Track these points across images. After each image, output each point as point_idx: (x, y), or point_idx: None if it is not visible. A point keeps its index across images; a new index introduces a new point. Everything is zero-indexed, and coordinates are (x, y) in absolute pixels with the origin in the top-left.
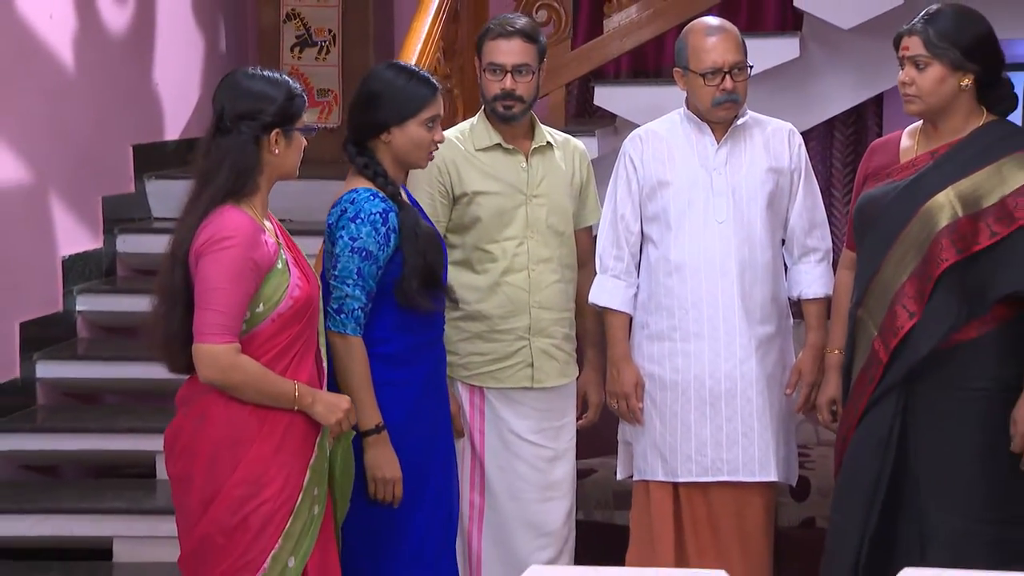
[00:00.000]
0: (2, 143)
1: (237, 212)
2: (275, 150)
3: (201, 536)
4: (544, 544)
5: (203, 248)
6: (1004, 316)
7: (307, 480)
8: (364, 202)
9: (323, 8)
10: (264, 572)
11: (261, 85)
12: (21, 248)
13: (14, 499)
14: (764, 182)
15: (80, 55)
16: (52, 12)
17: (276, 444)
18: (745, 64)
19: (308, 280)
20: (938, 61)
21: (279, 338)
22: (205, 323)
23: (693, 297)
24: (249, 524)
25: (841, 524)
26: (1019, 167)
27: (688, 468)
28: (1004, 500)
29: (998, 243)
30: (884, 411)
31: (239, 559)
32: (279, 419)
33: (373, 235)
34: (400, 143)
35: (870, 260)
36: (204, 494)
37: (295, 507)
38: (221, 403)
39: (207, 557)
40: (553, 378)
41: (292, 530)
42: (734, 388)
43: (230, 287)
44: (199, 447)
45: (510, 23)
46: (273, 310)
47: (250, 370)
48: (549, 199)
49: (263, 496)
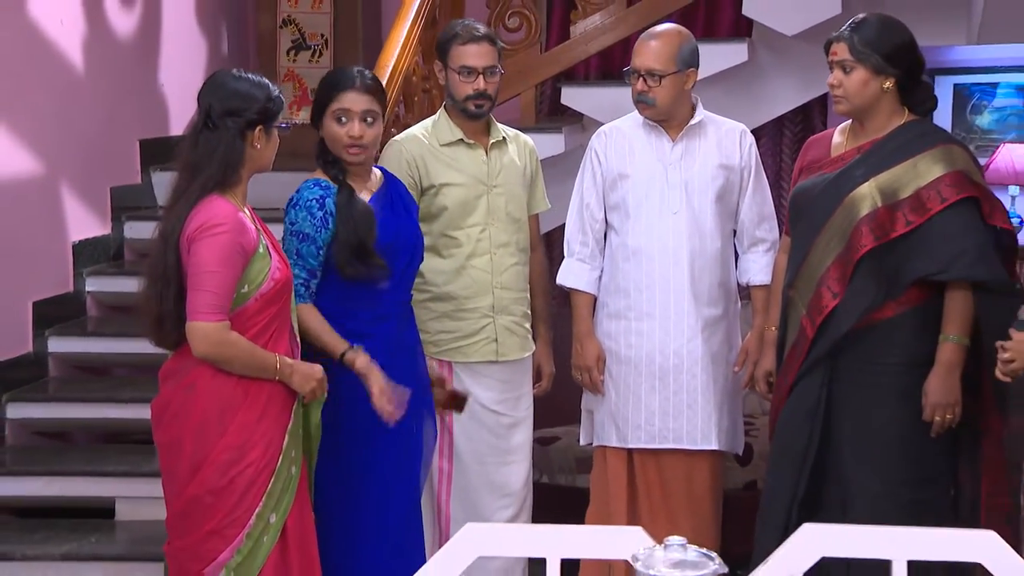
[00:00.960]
0: (18, 138)
1: (224, 201)
2: (257, 145)
3: (190, 497)
4: (506, 504)
5: (196, 234)
6: (917, 298)
7: (285, 444)
8: (304, 191)
9: (316, 15)
10: (249, 528)
11: (246, 86)
12: (36, 233)
13: (26, 462)
14: (715, 177)
15: (89, 57)
16: (62, 18)
17: (259, 413)
18: (665, 71)
19: (285, 263)
20: (862, 65)
21: (262, 315)
22: (199, 303)
23: (647, 280)
24: (235, 485)
25: (773, 487)
26: (934, 162)
27: (638, 436)
28: (917, 464)
29: (912, 231)
30: (811, 383)
31: (226, 517)
32: (261, 390)
33: (309, 219)
34: (326, 135)
35: (801, 245)
36: (194, 458)
37: (276, 469)
38: (208, 375)
39: (196, 516)
40: (515, 352)
41: (274, 490)
42: (681, 364)
43: (221, 270)
44: (189, 415)
45: (476, 29)
46: (257, 290)
47: (239, 345)
48: (507, 189)
49: (248, 460)
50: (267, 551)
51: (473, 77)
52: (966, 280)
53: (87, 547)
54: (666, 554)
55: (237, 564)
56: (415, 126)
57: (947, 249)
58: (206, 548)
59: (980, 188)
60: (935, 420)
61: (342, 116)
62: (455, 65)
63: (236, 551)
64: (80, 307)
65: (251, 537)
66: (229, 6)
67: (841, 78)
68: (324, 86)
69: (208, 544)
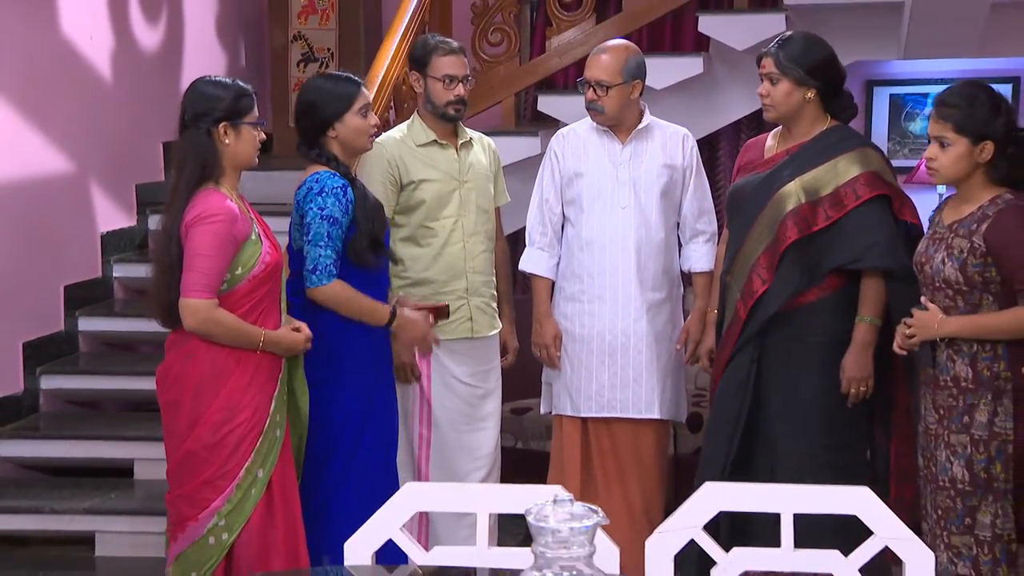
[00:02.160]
0: (53, 141)
1: (218, 194)
2: (225, 141)
3: (187, 451)
4: (478, 466)
5: (192, 221)
6: (836, 284)
7: (272, 408)
8: (327, 179)
9: (323, 31)
10: (239, 480)
11: (213, 89)
12: (67, 225)
13: (57, 427)
14: (660, 176)
15: (116, 68)
16: (92, 34)
17: (248, 379)
18: (611, 82)
19: (275, 248)
20: (786, 78)
21: (254, 295)
22: (190, 282)
23: (599, 268)
24: (227, 442)
25: (709, 450)
26: (851, 163)
27: (590, 406)
28: (835, 430)
29: (831, 225)
30: (743, 359)
31: (219, 469)
32: (251, 360)
33: (337, 204)
34: (344, 134)
35: (737, 236)
36: (191, 417)
37: (263, 430)
38: (204, 346)
39: (192, 468)
40: (485, 329)
41: (261, 448)
42: (628, 342)
43: (212, 254)
44: (187, 379)
45: (451, 42)
46: (249, 272)
47: (224, 321)
48: (476, 184)
49: (237, 420)
50: (255, 502)
51: (455, 84)
52: (877, 269)
53: (108, 502)
54: (555, 508)
55: (227, 511)
56: (391, 130)
57: (861, 241)
58: (201, 496)
59: (891, 187)
60: (851, 392)
61: (364, 110)
62: (438, 74)
63: (227, 500)
64: (108, 290)
65: (240, 488)
66: (246, 23)
67: (769, 88)
68: (336, 93)
69: (202, 493)
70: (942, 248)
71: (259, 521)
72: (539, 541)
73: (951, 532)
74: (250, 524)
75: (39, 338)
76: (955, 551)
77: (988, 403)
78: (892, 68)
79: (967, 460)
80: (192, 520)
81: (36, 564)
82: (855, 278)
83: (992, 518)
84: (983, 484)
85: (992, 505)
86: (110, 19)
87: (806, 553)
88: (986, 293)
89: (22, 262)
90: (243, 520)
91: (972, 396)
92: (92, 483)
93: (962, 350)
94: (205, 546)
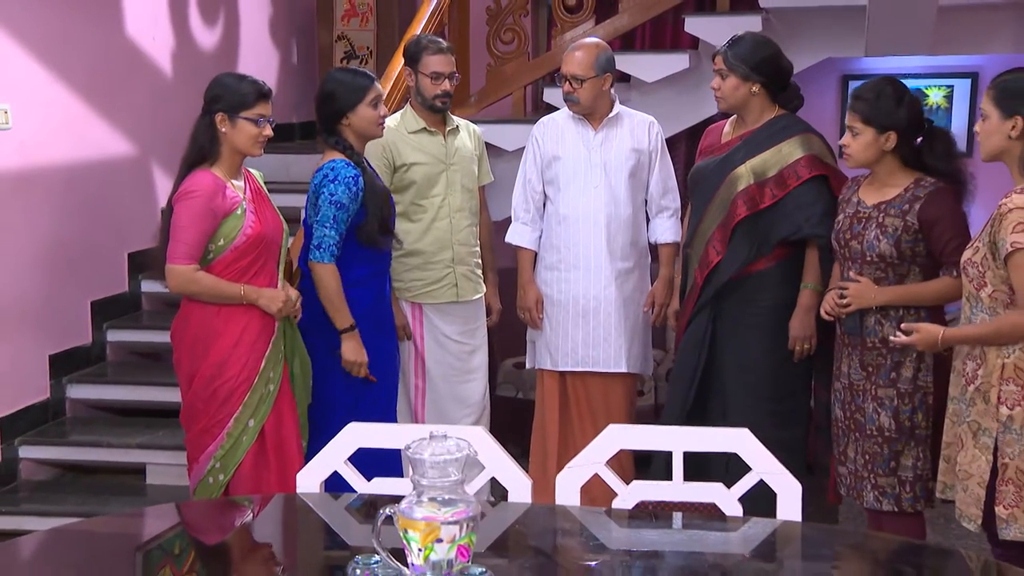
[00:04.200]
0: (120, 130)
1: (205, 173)
2: (222, 129)
3: (188, 402)
4: (468, 413)
5: (177, 197)
6: (782, 255)
7: (263, 366)
8: (341, 169)
9: (363, 31)
10: (229, 428)
11: (227, 80)
12: (131, 202)
13: (121, 374)
14: (628, 159)
15: (176, 66)
16: (154, 35)
17: (235, 339)
18: (585, 76)
19: (262, 222)
20: (733, 74)
21: (239, 263)
22: (172, 250)
23: (573, 240)
24: (217, 395)
25: (671, 399)
26: (794, 147)
27: (566, 361)
28: (781, 382)
29: (776, 203)
30: (701, 320)
31: (212, 418)
32: (239, 321)
33: (346, 192)
34: (357, 122)
35: (696, 213)
36: (189, 372)
37: (252, 385)
38: (197, 309)
39: (192, 416)
40: (470, 293)
41: (250, 401)
42: (599, 306)
43: (189, 225)
44: (184, 339)
45: (441, 42)
46: (231, 243)
47: (203, 282)
48: (461, 166)
49: (226, 376)
50: (246, 448)
51: (442, 80)
52: (813, 238)
53: (156, 439)
54: (430, 443)
55: (221, 455)
56: (386, 118)
57: (801, 215)
58: (200, 441)
59: (830, 168)
60: (796, 349)
61: (375, 102)
62: (427, 71)
63: (220, 446)
64: None
65: (231, 436)
66: (298, 25)
67: (720, 83)
68: (350, 87)
69: (201, 439)
70: (872, 226)
71: (251, 465)
72: (416, 471)
73: (878, 475)
74: (242, 467)
75: (105, 297)
76: (881, 491)
77: (913, 361)
78: (864, 64)
79: (894, 411)
80: (196, 461)
81: (99, 489)
82: (799, 250)
83: (914, 461)
84: (907, 431)
85: (914, 449)
86: (171, 22)
87: (694, 485)
88: (913, 265)
89: (91, 231)
90: (236, 463)
91: (899, 355)
92: (146, 423)
93: (890, 315)
94: (207, 484)
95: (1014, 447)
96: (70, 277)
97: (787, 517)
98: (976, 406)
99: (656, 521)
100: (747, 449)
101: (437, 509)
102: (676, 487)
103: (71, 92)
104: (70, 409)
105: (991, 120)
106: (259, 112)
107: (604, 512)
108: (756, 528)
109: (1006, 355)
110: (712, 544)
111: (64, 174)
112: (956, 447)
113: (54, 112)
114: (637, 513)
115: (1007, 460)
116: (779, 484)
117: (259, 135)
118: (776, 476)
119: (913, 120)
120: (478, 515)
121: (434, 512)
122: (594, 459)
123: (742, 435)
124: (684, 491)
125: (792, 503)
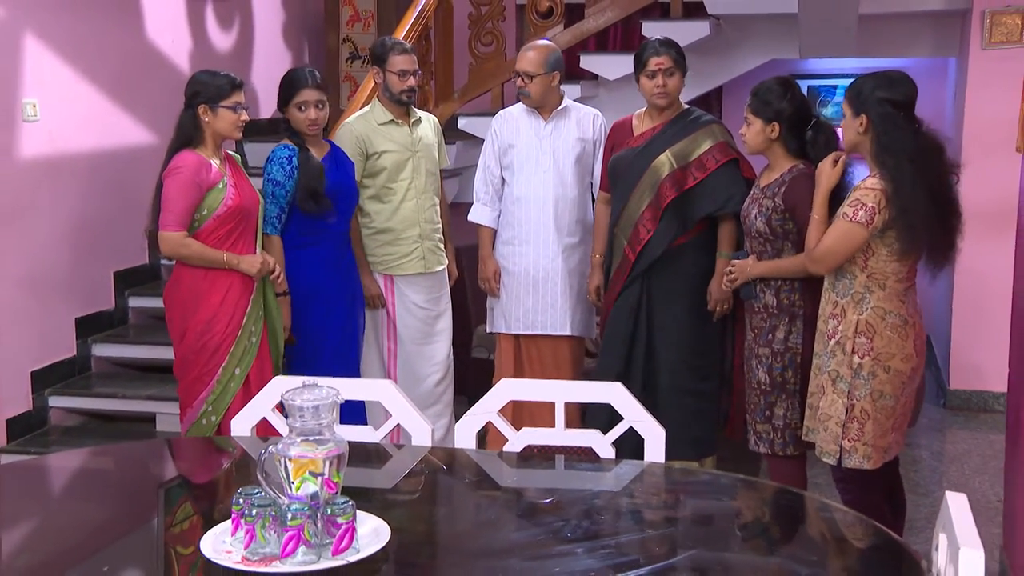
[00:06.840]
0: (140, 123)
1: (190, 152)
2: (205, 118)
3: (181, 355)
4: (435, 371)
5: (166, 174)
6: (700, 228)
7: (244, 322)
8: (277, 151)
9: (366, 35)
10: (218, 376)
11: (203, 76)
12: (149, 186)
13: (141, 335)
14: (574, 147)
15: (193, 65)
16: (172, 37)
17: (221, 298)
18: (535, 73)
19: (240, 195)
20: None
21: (221, 230)
22: (164, 219)
23: (525, 218)
24: (206, 347)
25: (604, 362)
26: (706, 136)
27: (519, 325)
28: (701, 341)
29: (698, 184)
30: (633, 291)
31: (202, 368)
32: (223, 283)
33: (280, 171)
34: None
35: (621, 197)
36: (180, 328)
37: (236, 338)
38: (186, 272)
39: (185, 367)
40: (435, 265)
41: (236, 352)
42: (547, 276)
43: (179, 198)
44: (175, 300)
45: (404, 44)
46: (214, 213)
47: (191, 247)
48: (425, 153)
49: (214, 331)
50: (233, 393)
51: (407, 77)
52: (729, 213)
53: (165, 391)
54: (303, 391)
55: (212, 400)
56: (357, 112)
57: (723, 194)
58: (193, 389)
59: (739, 153)
60: (715, 311)
61: (302, 105)
62: (394, 69)
63: (211, 392)
64: None
65: (220, 383)
66: (309, 29)
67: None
68: (286, 84)
69: (194, 387)
70: (755, 206)
71: (239, 407)
72: (293, 416)
73: (757, 422)
74: (231, 410)
75: (126, 268)
76: (759, 436)
77: (786, 324)
78: (809, 65)
79: (768, 367)
80: (189, 406)
81: (117, 434)
82: (713, 223)
83: (784, 411)
84: (779, 385)
85: (785, 401)
86: (188, 25)
87: (573, 432)
88: (787, 241)
89: (114, 211)
90: (225, 406)
91: (775, 319)
92: (158, 378)
93: (770, 284)
94: (200, 425)
95: (861, 390)
96: (95, 250)
97: (653, 459)
98: (836, 357)
99: (539, 462)
100: (619, 400)
101: (313, 448)
102: (558, 433)
103: (96, 88)
104: (94, 365)
105: (847, 118)
106: (235, 100)
107: (496, 455)
108: (625, 468)
109: (860, 312)
110: (586, 481)
111: (89, 161)
112: (818, 395)
113: (80, 106)
114: (524, 455)
115: (855, 401)
116: (646, 430)
117: (237, 120)
118: (645, 423)
119: (796, 114)
120: (344, 454)
121: (307, 451)
122: (488, 408)
123: (615, 388)
124: (565, 437)
125: (657, 447)
